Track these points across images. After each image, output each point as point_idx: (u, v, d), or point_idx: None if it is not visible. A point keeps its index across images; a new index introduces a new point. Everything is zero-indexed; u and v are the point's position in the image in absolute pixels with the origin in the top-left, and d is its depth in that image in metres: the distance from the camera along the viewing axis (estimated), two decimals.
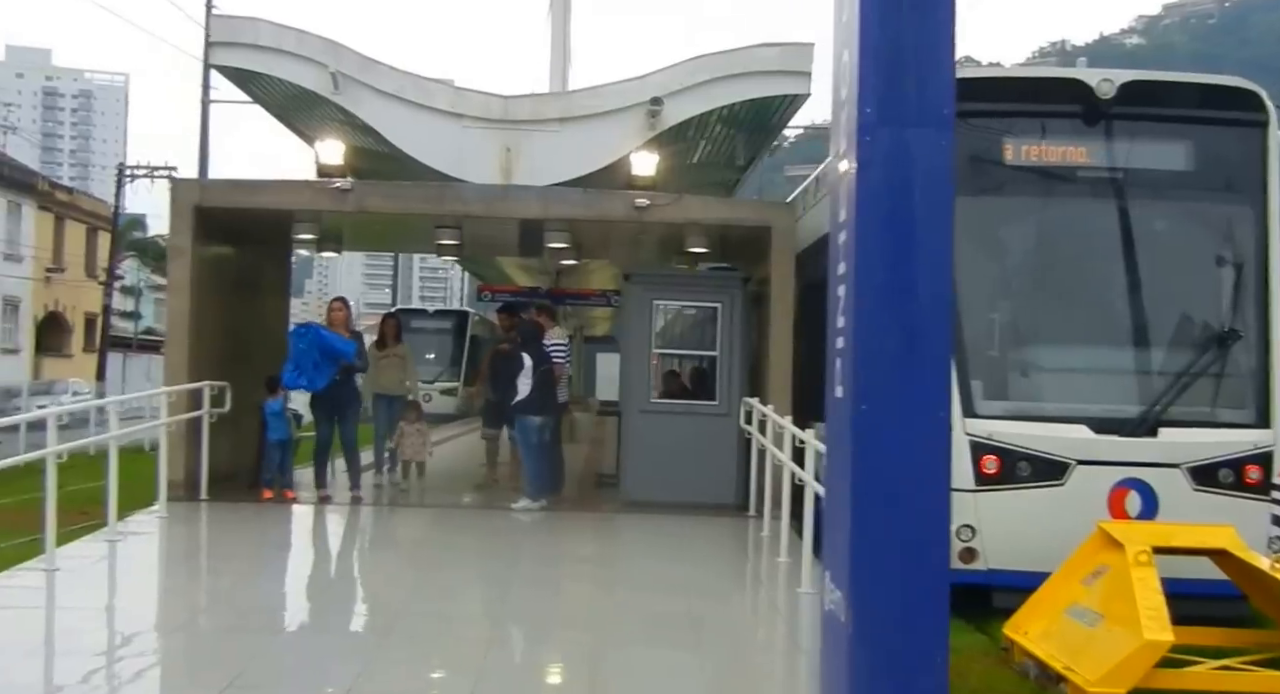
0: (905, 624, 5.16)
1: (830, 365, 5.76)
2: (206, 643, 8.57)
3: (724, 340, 14.94)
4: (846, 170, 5.51)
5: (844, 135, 5.55)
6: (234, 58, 15.54)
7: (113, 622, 9.38)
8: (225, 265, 15.35)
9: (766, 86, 15.47)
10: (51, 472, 10.27)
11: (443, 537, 13.57)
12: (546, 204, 14.67)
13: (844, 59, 5.60)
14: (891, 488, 5.18)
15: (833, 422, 5.76)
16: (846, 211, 5.47)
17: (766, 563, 11.95)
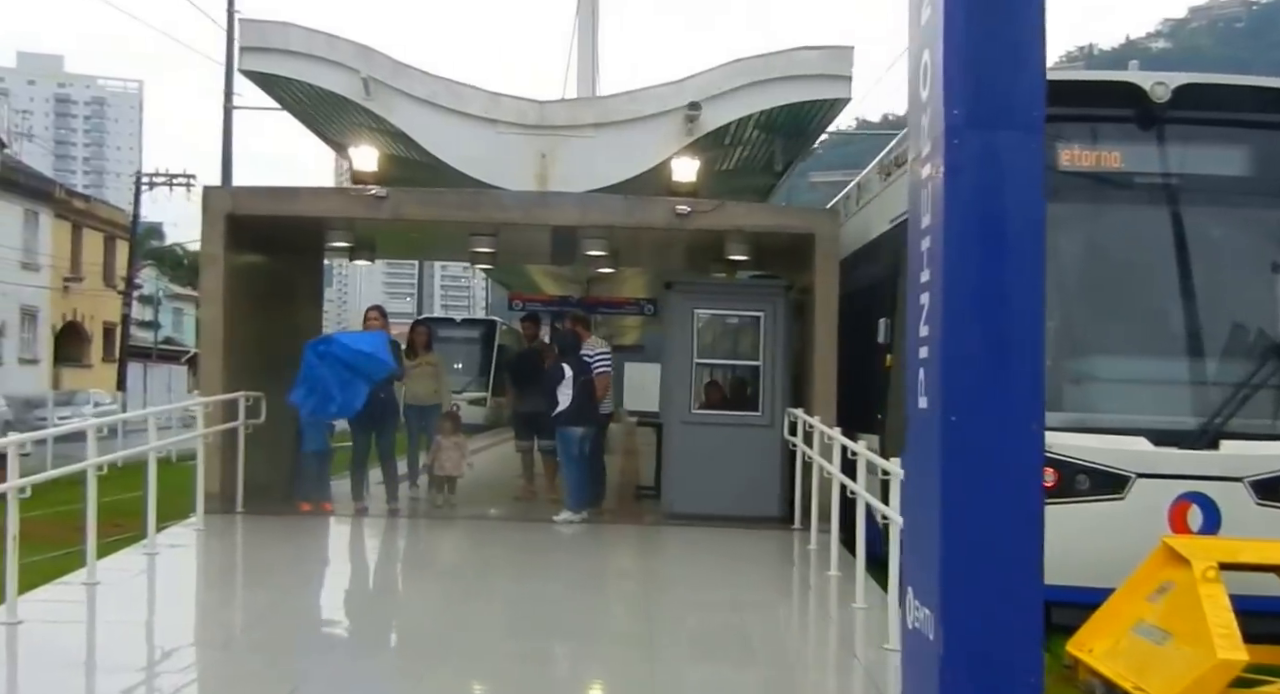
0: (999, 643, 4.94)
1: (912, 375, 5.54)
2: (257, 661, 8.37)
3: (767, 349, 14.70)
4: (930, 174, 5.28)
5: (926, 138, 5.33)
6: (263, 63, 15.41)
7: (159, 638, 9.25)
8: (257, 274, 15.15)
9: (806, 91, 15.30)
10: (92, 483, 10.17)
11: (484, 550, 13.37)
12: (585, 211, 14.45)
13: (924, 60, 5.38)
14: (984, 502, 4.94)
15: (916, 433, 5.53)
16: (931, 217, 5.25)
17: (817, 577, 11.70)
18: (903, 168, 12.67)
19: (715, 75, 15.48)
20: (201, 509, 13.04)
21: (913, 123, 5.67)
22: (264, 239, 15.02)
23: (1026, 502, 5.00)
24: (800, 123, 16.23)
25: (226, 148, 28.41)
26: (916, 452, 5.60)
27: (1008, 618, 4.96)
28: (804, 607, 11.25)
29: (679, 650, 9.12)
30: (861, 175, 15.35)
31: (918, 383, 5.47)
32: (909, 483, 5.84)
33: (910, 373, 5.60)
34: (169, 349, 70.81)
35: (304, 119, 17.61)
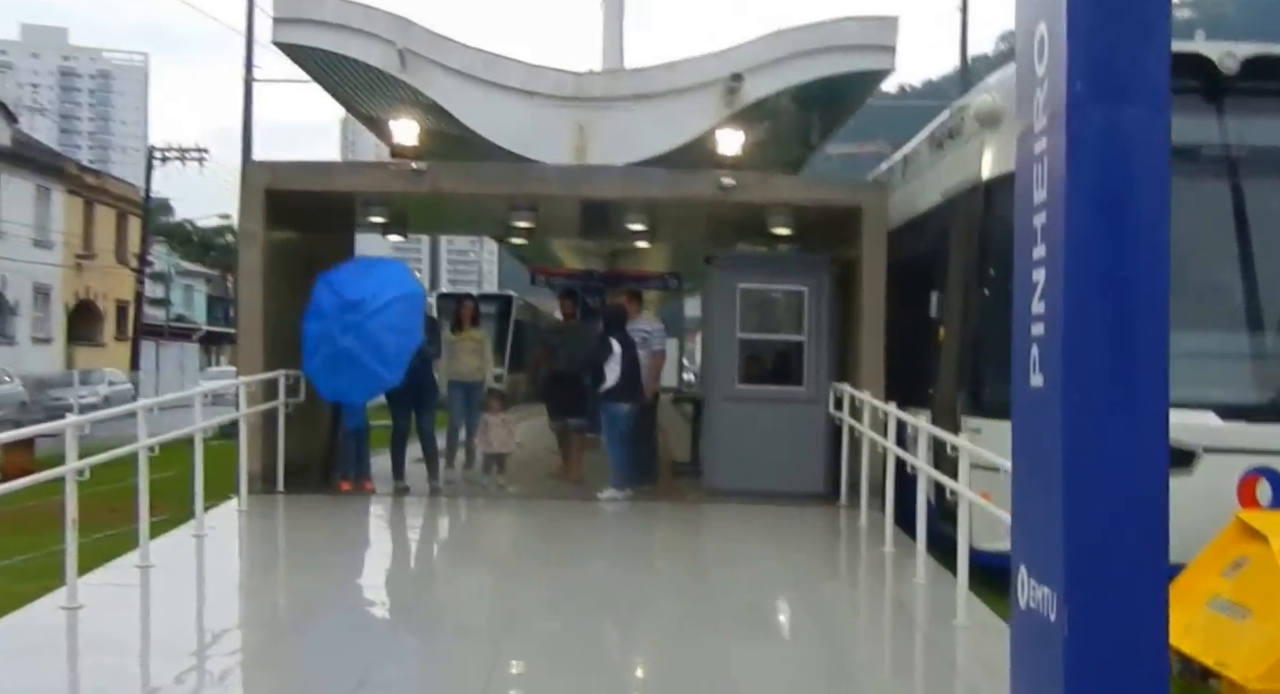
0: (1126, 622, 4.84)
1: (1020, 353, 5.41)
2: (325, 643, 8.29)
3: (811, 324, 14.55)
4: (1046, 149, 5.13)
5: (1043, 112, 5.18)
6: (297, 35, 15.19)
7: (219, 622, 9.12)
8: (292, 250, 14.98)
9: (850, 62, 15.10)
10: (144, 464, 10.06)
11: (532, 529, 13.25)
12: (629, 184, 14.27)
13: (1040, 33, 5.23)
14: (1110, 480, 4.84)
15: (1027, 410, 5.42)
16: (1048, 192, 5.10)
17: (871, 553, 11.57)
18: (956, 140, 12.54)
19: (757, 46, 15.28)
20: (245, 490, 12.94)
21: (1023, 96, 5.52)
22: (299, 215, 14.86)
23: (1152, 479, 4.89)
24: (840, 94, 16.03)
25: (247, 122, 28.19)
26: (1028, 429, 5.49)
27: (1135, 597, 4.87)
28: (863, 583, 11.12)
29: (739, 629, 9.01)
30: (908, 147, 15.16)
31: (1029, 360, 5.35)
32: (1018, 460, 5.72)
33: (1018, 350, 5.48)
34: (180, 326, 70.71)
35: (335, 93, 17.42)
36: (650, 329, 14.58)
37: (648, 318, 14.82)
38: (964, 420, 11.27)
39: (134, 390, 46.15)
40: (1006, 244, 11.82)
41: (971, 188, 11.73)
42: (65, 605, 8.38)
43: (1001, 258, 11.52)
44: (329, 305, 13.41)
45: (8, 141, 50.01)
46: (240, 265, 14.56)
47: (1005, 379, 11.80)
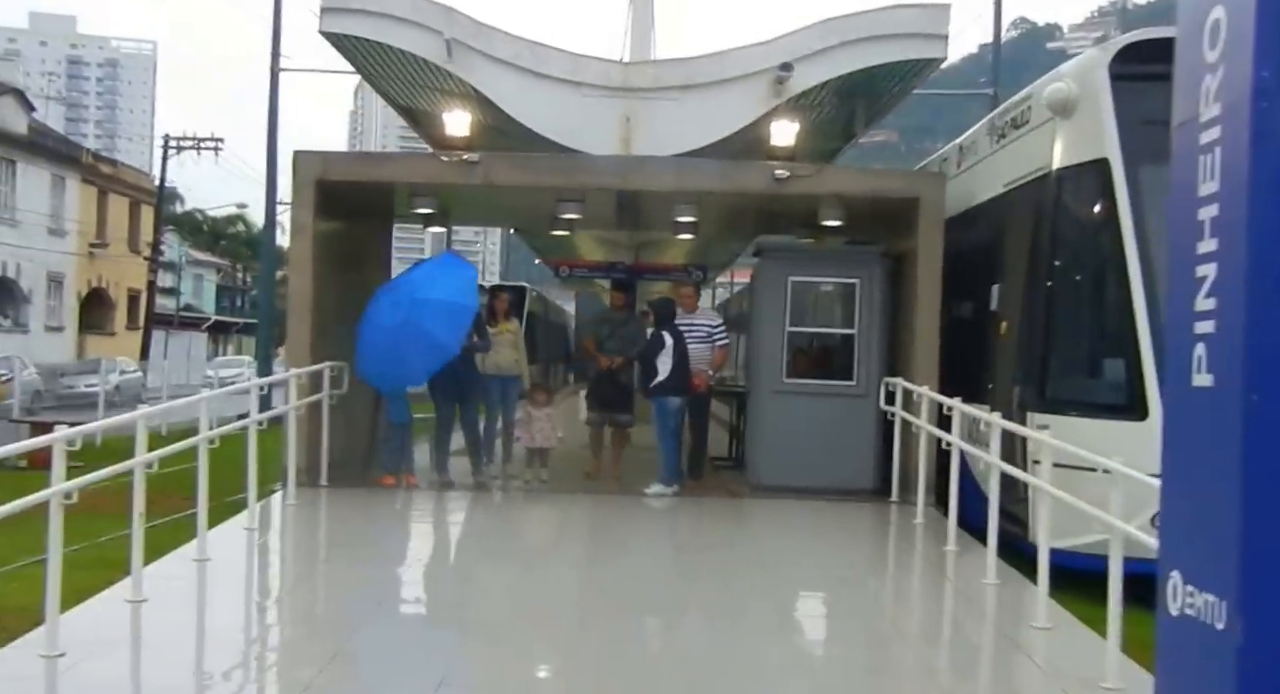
0: None
1: (1179, 352, 5.20)
2: (399, 639, 8.12)
3: (862, 317, 14.35)
4: (1217, 139, 4.93)
5: (1214, 102, 4.96)
6: (344, 24, 14.98)
7: (282, 617, 8.99)
8: (336, 241, 14.81)
9: (901, 50, 14.90)
10: (204, 458, 9.88)
11: (577, 525, 13.07)
12: (681, 176, 14.08)
13: (1213, 18, 5.01)
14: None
15: (1189, 410, 5.21)
16: (1220, 184, 4.90)
17: (934, 553, 11.31)
18: (1021, 129, 12.34)
19: (805, 35, 15.07)
20: (293, 483, 12.76)
21: (1187, 84, 5.32)
22: (344, 205, 14.66)
23: None
24: (888, 83, 15.83)
25: (273, 112, 27.94)
26: (1189, 430, 5.28)
27: None
28: (933, 583, 10.88)
29: (816, 631, 8.92)
30: (965, 137, 14.95)
31: (1190, 359, 5.15)
32: (1171, 462, 5.52)
33: (1176, 349, 5.27)
34: (189, 316, 70.65)
35: (376, 84, 17.23)
36: (714, 324, 14.38)
37: (706, 312, 14.57)
38: (1030, 417, 11.08)
39: (143, 379, 46.13)
40: (1078, 235, 11.72)
41: (1041, 178, 11.53)
42: (130, 598, 8.24)
43: (1074, 249, 11.37)
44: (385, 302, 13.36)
45: (24, 130, 49.77)
46: (290, 255, 14.36)
47: (1075, 374, 11.74)
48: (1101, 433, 9.65)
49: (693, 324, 14.13)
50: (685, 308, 14.41)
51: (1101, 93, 10.83)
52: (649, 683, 7.38)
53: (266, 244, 33.35)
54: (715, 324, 14.38)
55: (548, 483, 14.54)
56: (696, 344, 14.02)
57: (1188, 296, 5.23)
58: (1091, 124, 10.89)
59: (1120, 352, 10.55)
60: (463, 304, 13.55)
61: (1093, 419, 10.48)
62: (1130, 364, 10.37)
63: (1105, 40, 27.73)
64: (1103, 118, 10.77)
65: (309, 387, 13.34)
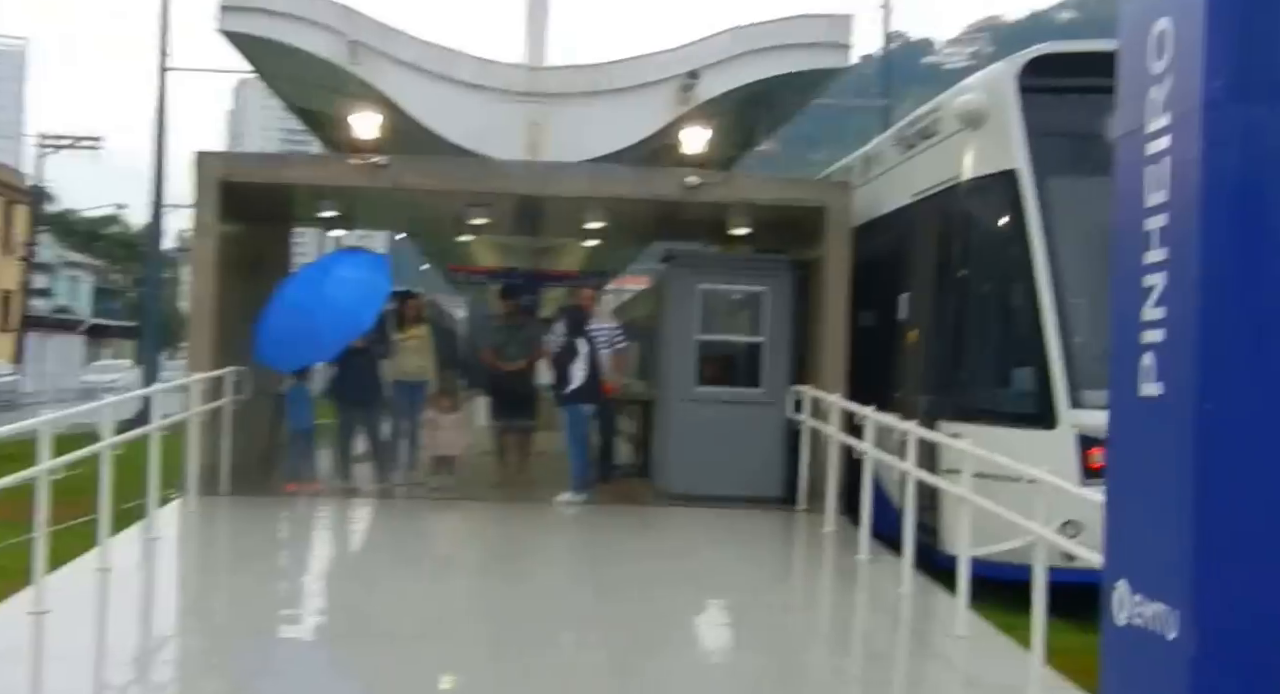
0: (1258, 639, 4.71)
1: (1124, 361, 5.25)
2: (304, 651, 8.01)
3: (770, 326, 14.38)
4: (1165, 150, 4.99)
5: (1162, 112, 5.03)
6: (244, 23, 14.73)
7: (196, 628, 8.75)
8: (237, 243, 14.49)
9: (807, 60, 15.07)
10: (106, 465, 9.59)
11: (484, 533, 12.99)
12: (595, 182, 13.97)
13: (1158, 29, 5.08)
14: (1242, 491, 4.70)
15: (1132, 420, 5.26)
16: (1170, 194, 4.96)
17: (846, 562, 11.32)
18: (930, 140, 12.47)
19: (713, 43, 15.16)
20: (195, 490, 12.47)
21: (1131, 95, 5.37)
22: (245, 207, 14.35)
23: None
24: (792, 93, 15.94)
25: (160, 111, 27.26)
26: (1136, 439, 5.33)
27: (1265, 613, 4.74)
28: (848, 594, 10.90)
29: (729, 641, 8.96)
30: (870, 146, 15.07)
31: (1137, 368, 5.20)
32: (1118, 471, 5.56)
33: (1122, 358, 5.33)
34: (64, 318, 68.86)
35: (273, 84, 16.92)
36: (613, 328, 14.29)
37: (605, 316, 14.50)
38: (941, 426, 11.17)
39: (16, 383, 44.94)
40: (988, 245, 11.86)
41: (951, 188, 11.65)
42: (33, 610, 7.96)
43: (983, 259, 11.51)
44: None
45: None
46: (192, 258, 14.02)
47: (985, 383, 11.85)
48: (1011, 441, 9.75)
49: (596, 329, 14.05)
50: (583, 310, 14.33)
51: (1010, 105, 10.98)
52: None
53: (152, 246, 32.58)
54: (614, 328, 14.31)
55: (454, 490, 14.37)
56: (600, 350, 13.92)
57: (1134, 306, 5.28)
58: (1001, 135, 11.03)
59: (1030, 361, 10.70)
60: (378, 283, 13.48)
61: (1003, 428, 10.58)
62: (1039, 373, 10.52)
63: (979, 55, 27.50)
64: (1011, 129, 10.92)
65: (210, 392, 13.05)
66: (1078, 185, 11.04)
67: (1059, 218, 10.68)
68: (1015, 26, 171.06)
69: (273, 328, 13.36)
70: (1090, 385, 10.39)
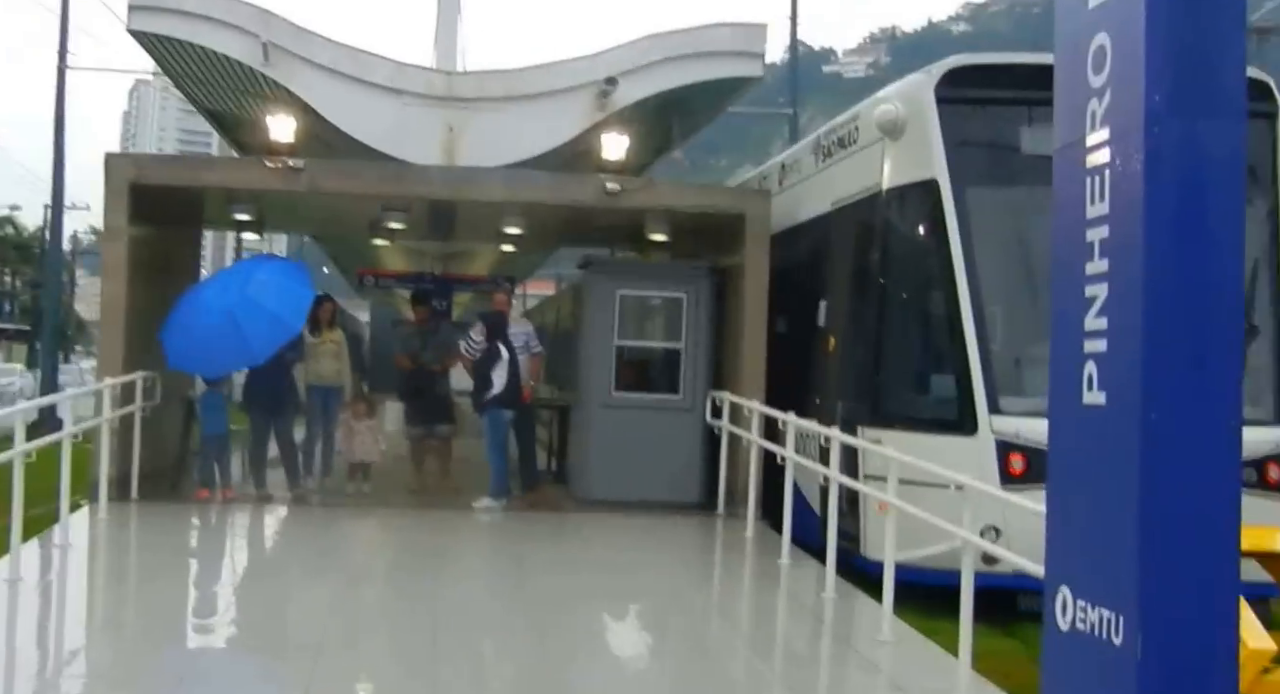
0: (1200, 644, 4.81)
1: (1065, 370, 5.34)
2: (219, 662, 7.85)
3: (689, 332, 14.43)
4: (1106, 162, 5.08)
5: (1101, 125, 5.12)
6: (154, 23, 14.49)
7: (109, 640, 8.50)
8: (146, 247, 14.21)
9: (721, 68, 15.16)
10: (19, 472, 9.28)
11: (400, 540, 12.80)
12: (513, 187, 13.89)
13: (1097, 43, 5.18)
14: (1185, 500, 4.81)
15: (1074, 428, 5.34)
16: (1110, 206, 5.05)
17: (769, 566, 11.37)
18: (848, 149, 12.59)
19: (629, 51, 15.20)
20: (105, 497, 12.20)
21: (1069, 107, 5.46)
22: (155, 210, 14.08)
23: (1226, 494, 4.88)
24: (706, 101, 16.02)
25: (59, 111, 26.62)
26: (1078, 447, 5.41)
27: (1209, 615, 4.85)
28: (771, 599, 10.91)
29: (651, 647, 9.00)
30: (787, 154, 15.17)
31: (1080, 377, 5.28)
32: (1059, 478, 5.64)
33: (1063, 367, 5.40)
34: None
35: (182, 86, 16.63)
36: (528, 332, 14.20)
37: (518, 320, 14.39)
38: (861, 431, 11.28)
39: None
40: (909, 253, 11.98)
41: (871, 197, 11.76)
42: None
43: (904, 267, 11.63)
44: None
45: None
46: (103, 261, 13.72)
47: (906, 390, 11.97)
48: (932, 447, 9.85)
49: (510, 333, 13.86)
50: (502, 314, 14.17)
51: (929, 115, 11.10)
52: None
53: (52, 248, 31.84)
54: (529, 332, 14.18)
55: (370, 496, 14.24)
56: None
57: (1075, 315, 5.36)
58: (920, 145, 11.15)
59: (950, 368, 10.82)
60: (299, 288, 13.36)
61: (924, 434, 10.70)
62: (960, 380, 10.64)
63: (877, 64, 27.53)
64: (931, 139, 11.04)
65: (122, 397, 12.79)
66: (995, 195, 11.24)
67: (978, 227, 10.83)
68: (911, 37, 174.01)
69: (192, 331, 13.12)
70: (1009, 392, 10.57)
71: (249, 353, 13.12)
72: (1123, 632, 4.94)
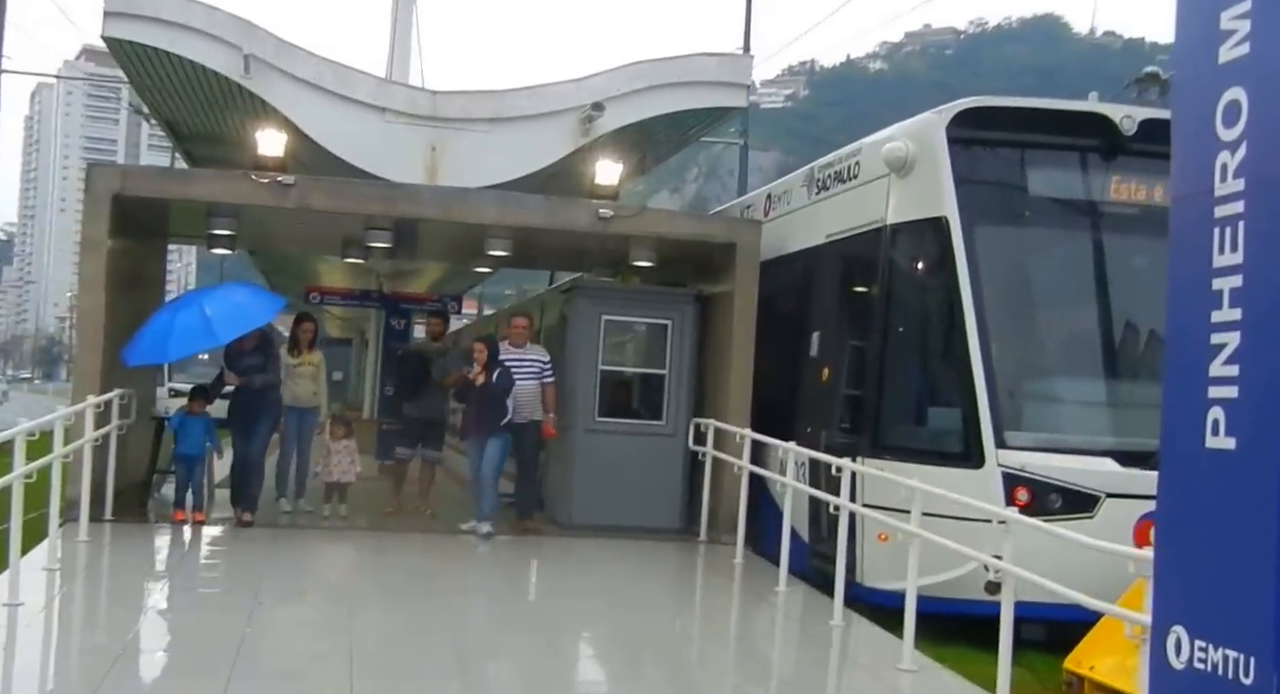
0: None
1: (1188, 414, 5.40)
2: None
3: (673, 358, 14.45)
4: (1238, 213, 5.20)
5: (1236, 176, 5.23)
6: (131, 31, 14.19)
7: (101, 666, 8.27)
8: (119, 260, 13.90)
9: (705, 97, 15.26)
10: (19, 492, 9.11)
11: (383, 565, 12.61)
12: (505, 210, 13.80)
13: (1229, 97, 5.30)
14: None
15: (1198, 471, 5.42)
16: (1244, 257, 5.16)
17: (766, 593, 11.47)
18: (847, 184, 12.72)
19: (615, 77, 15.23)
20: (85, 517, 11.90)
21: (1193, 157, 5.57)
22: (128, 223, 13.78)
23: None
24: (689, 127, 16.09)
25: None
26: (1200, 490, 5.49)
27: None
28: (782, 628, 10.98)
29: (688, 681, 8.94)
30: (775, 185, 15.23)
31: (1204, 422, 5.37)
32: (1173, 520, 5.72)
33: (1185, 411, 5.46)
34: None
35: (147, 95, 16.30)
36: (544, 360, 14.02)
37: (536, 347, 14.15)
38: (861, 461, 11.36)
39: None
40: (916, 288, 12.12)
41: (874, 231, 11.88)
42: None
43: (911, 302, 11.78)
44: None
45: None
46: (80, 273, 13.40)
47: (916, 422, 12.09)
48: (937, 479, 9.94)
49: (522, 360, 13.79)
50: (514, 341, 13.99)
51: (939, 154, 11.25)
52: None
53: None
54: (545, 361, 14.01)
55: (347, 519, 14.04)
56: (526, 380, 13.70)
57: (1197, 362, 5.44)
58: (930, 183, 11.29)
59: (958, 402, 10.94)
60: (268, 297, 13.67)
61: (929, 465, 10.78)
62: (967, 414, 10.77)
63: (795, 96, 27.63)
64: (941, 178, 11.19)
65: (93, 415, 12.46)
66: (1003, 233, 11.42)
67: (985, 264, 11.00)
68: (830, 72, 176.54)
69: (152, 326, 12.96)
70: (1015, 427, 10.74)
71: (211, 334, 12.75)
72: (1254, 673, 5.03)
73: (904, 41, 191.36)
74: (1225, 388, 5.27)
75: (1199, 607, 5.45)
